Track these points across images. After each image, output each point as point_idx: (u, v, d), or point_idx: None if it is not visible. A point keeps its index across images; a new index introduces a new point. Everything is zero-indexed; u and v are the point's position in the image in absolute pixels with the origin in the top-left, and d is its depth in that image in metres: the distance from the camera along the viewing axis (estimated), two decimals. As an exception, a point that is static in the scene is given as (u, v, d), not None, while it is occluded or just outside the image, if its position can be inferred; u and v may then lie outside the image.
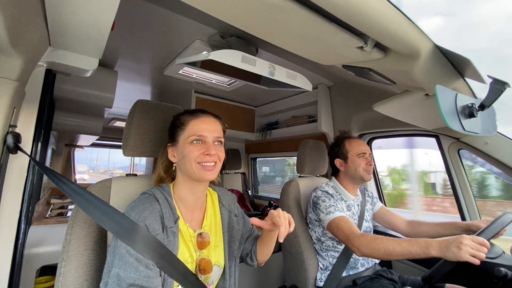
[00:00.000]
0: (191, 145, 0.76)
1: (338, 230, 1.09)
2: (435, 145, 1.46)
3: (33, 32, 0.68)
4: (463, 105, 0.66)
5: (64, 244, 0.75)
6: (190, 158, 0.75)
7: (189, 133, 0.77)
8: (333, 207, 1.16)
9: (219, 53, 0.94)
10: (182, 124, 0.79)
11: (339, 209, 1.16)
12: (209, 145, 0.77)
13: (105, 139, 3.71)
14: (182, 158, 0.77)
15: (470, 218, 1.35)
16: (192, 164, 0.75)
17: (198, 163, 0.75)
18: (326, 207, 1.17)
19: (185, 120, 0.80)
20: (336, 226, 1.10)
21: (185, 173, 0.78)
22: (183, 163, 0.77)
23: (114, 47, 1.45)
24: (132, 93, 2.37)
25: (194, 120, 0.79)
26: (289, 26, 0.64)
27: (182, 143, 0.78)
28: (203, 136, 0.77)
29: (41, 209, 1.79)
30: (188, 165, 0.75)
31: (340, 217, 1.11)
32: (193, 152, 0.75)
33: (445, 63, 0.73)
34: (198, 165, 0.75)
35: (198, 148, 0.76)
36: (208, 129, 0.78)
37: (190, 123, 0.79)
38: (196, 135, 0.76)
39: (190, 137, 0.76)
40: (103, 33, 0.79)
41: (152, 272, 0.65)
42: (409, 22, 0.57)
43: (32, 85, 0.89)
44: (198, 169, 0.75)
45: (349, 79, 1.66)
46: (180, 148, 0.78)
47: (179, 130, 0.79)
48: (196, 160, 0.75)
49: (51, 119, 1.75)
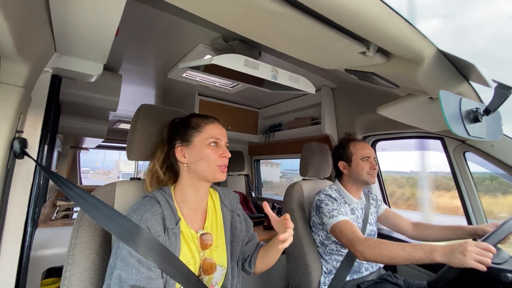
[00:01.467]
0: (209, 147, 0.80)
1: (341, 234, 1.08)
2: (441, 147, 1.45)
3: (39, 39, 0.70)
4: (468, 109, 0.66)
5: (69, 248, 0.76)
6: (210, 160, 0.79)
7: (207, 135, 0.81)
8: (336, 211, 1.15)
9: (222, 58, 0.95)
10: (198, 126, 0.83)
11: (343, 213, 1.15)
12: (224, 148, 0.83)
13: (110, 141, 3.75)
14: (200, 160, 0.79)
15: (476, 221, 1.33)
16: (212, 165, 0.79)
17: (217, 166, 0.79)
18: (329, 211, 1.16)
19: (200, 123, 0.83)
20: (339, 230, 1.09)
21: (198, 174, 0.80)
22: (198, 164, 0.79)
23: (119, 51, 1.47)
24: (137, 96, 2.39)
25: (211, 124, 0.84)
26: (290, 32, 0.64)
27: (198, 145, 0.80)
28: (219, 139, 0.83)
29: (47, 212, 1.81)
30: (206, 166, 0.79)
31: (343, 221, 1.10)
32: (213, 155, 0.79)
33: (449, 68, 0.72)
34: (217, 167, 0.79)
35: (215, 150, 0.81)
36: (222, 133, 0.85)
37: (207, 126, 0.83)
38: (214, 137, 0.81)
39: (209, 139, 0.81)
40: (108, 39, 0.80)
41: (153, 274, 0.66)
42: (411, 28, 0.57)
43: (38, 90, 0.90)
44: (216, 170, 0.79)
45: (352, 81, 1.65)
46: (195, 149, 0.80)
47: (194, 131, 0.82)
48: (216, 162, 0.79)
49: (57, 122, 1.78)
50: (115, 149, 4.21)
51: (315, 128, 2.03)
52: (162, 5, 1.02)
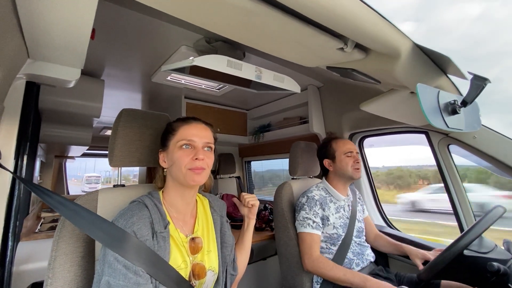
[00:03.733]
0: (180, 150, 0.77)
1: (301, 243, 1.21)
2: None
3: (9, 45, 0.67)
4: (446, 102, 0.67)
5: (50, 261, 0.73)
6: (180, 163, 0.75)
7: (179, 137, 0.78)
8: (309, 221, 1.21)
9: (204, 59, 0.93)
10: (174, 130, 0.80)
11: (312, 225, 1.20)
12: (198, 149, 0.77)
13: (97, 149, 3.66)
14: (173, 164, 0.77)
15: (463, 212, 1.36)
16: (182, 169, 0.75)
17: (189, 169, 0.75)
18: (303, 218, 1.22)
19: (177, 126, 0.81)
20: (301, 239, 1.21)
21: (175, 179, 0.78)
22: (173, 168, 0.77)
23: (99, 55, 1.43)
24: (122, 101, 2.34)
25: (185, 125, 0.80)
26: (267, 31, 0.64)
27: (172, 148, 0.78)
28: (192, 140, 0.77)
29: (30, 224, 1.74)
30: (178, 170, 0.76)
31: (308, 234, 1.20)
32: (182, 158, 0.75)
33: (427, 61, 0.73)
34: (188, 171, 0.75)
35: (187, 153, 0.76)
36: (198, 134, 0.79)
37: (180, 128, 0.80)
38: (185, 139, 0.77)
39: (180, 142, 0.77)
40: (83, 42, 0.77)
41: (142, 279, 0.64)
42: (385, 22, 0.57)
43: (12, 98, 0.87)
44: (187, 175, 0.75)
45: (337, 79, 1.66)
46: (170, 153, 0.79)
47: (170, 135, 0.80)
48: (187, 166, 0.75)
49: (37, 131, 1.72)
50: (102, 157, 4.12)
51: (304, 127, 2.04)
52: (142, 8, 1.00)
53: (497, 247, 0.98)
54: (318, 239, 1.20)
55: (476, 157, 1.26)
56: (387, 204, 2.52)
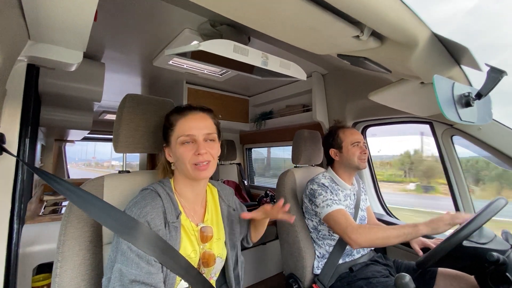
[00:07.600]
0: (181, 146, 0.75)
1: (335, 223, 1.11)
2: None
3: (9, 26, 0.64)
4: (460, 94, 0.66)
5: (59, 245, 0.74)
6: (184, 159, 0.74)
7: (178, 133, 0.76)
8: (330, 200, 1.16)
9: (210, 43, 0.90)
10: (171, 125, 0.78)
11: (336, 202, 1.17)
12: (199, 143, 0.75)
13: (97, 133, 3.63)
14: (177, 160, 0.77)
15: (462, 203, 1.38)
16: (187, 165, 0.74)
17: (193, 164, 0.74)
18: (323, 201, 1.18)
19: (174, 120, 0.78)
20: (333, 220, 1.12)
21: (183, 173, 0.78)
22: (178, 164, 0.77)
23: (100, 38, 1.39)
24: (122, 85, 2.30)
25: (182, 119, 0.77)
26: (282, 16, 0.61)
27: (173, 144, 0.77)
28: (192, 135, 0.75)
29: (34, 207, 1.76)
30: (183, 166, 0.75)
31: (337, 210, 1.13)
32: (185, 154, 0.74)
33: (442, 51, 0.71)
34: (193, 166, 0.74)
35: (189, 149, 0.75)
36: (197, 126, 0.76)
37: (178, 122, 0.77)
38: (184, 135, 0.75)
39: (180, 138, 0.75)
40: (86, 25, 0.74)
41: (153, 268, 0.65)
42: (407, 10, 0.55)
43: (13, 81, 0.84)
44: (192, 170, 0.74)
45: (343, 67, 1.63)
46: (173, 149, 0.78)
47: (170, 131, 0.79)
48: (190, 162, 0.74)
49: (37, 115, 1.69)
50: (103, 141, 4.10)
51: (307, 115, 2.02)
52: (144, -13, 0.96)
53: (496, 237, 1.00)
54: (347, 212, 1.15)
55: (477, 147, 1.26)
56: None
